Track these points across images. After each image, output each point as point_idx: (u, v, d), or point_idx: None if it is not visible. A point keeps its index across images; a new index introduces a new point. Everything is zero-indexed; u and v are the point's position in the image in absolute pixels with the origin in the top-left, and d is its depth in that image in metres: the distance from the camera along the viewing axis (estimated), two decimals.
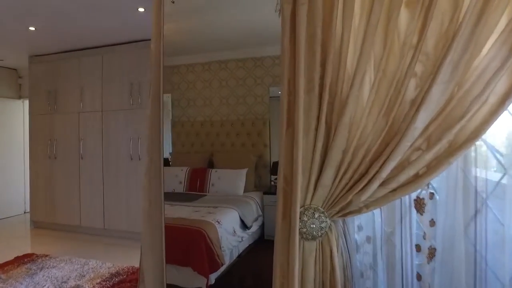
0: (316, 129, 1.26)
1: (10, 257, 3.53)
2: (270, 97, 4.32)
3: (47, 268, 3.24)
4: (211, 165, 4.47)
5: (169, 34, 3.93)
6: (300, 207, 1.24)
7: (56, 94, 4.64)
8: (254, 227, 3.66)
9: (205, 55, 4.77)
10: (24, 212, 5.46)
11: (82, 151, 4.46)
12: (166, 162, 4.81)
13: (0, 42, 4.24)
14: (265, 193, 4.02)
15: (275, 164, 4.17)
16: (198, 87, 4.83)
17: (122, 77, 4.27)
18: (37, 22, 3.54)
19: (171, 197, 3.88)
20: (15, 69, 5.61)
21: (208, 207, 3.41)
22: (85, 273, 3.10)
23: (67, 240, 4.27)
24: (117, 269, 3.20)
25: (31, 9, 3.21)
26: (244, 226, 3.42)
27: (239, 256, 3.34)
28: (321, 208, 1.26)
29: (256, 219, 3.75)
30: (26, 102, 5.25)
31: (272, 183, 4.16)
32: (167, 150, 5.03)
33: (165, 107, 5.10)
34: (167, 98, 5.02)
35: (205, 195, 4.03)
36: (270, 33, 3.72)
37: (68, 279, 2.97)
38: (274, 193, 3.91)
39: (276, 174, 4.21)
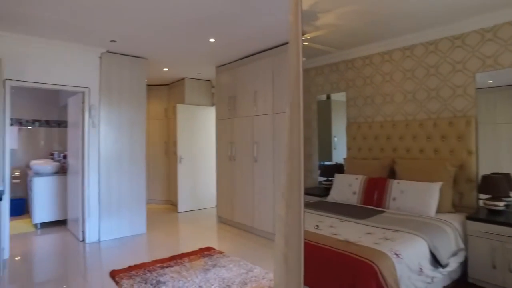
0: None
1: (196, 246, 4.07)
2: (477, 88, 3.20)
3: (219, 266, 3.43)
4: (392, 175, 3.80)
5: (341, 22, 3.40)
6: None
7: (235, 99, 4.95)
8: (452, 265, 2.74)
9: (385, 42, 4.04)
10: (215, 206, 6.20)
11: (255, 154, 4.54)
12: (340, 169, 4.33)
13: (195, 58, 4.89)
14: (469, 218, 2.98)
15: (486, 179, 3.03)
16: (376, 82, 4.21)
17: None
18: (214, 33, 3.77)
19: (341, 210, 3.39)
20: (209, 80, 6.52)
21: (386, 229, 2.69)
22: (247, 281, 3.06)
23: (241, 239, 4.45)
24: None
25: (207, 21, 3.41)
26: (436, 262, 2.52)
27: None
28: None
29: (455, 254, 2.80)
30: None
31: (482, 203, 3.05)
32: (340, 155, 4.59)
33: (341, 108, 4.63)
34: (341, 97, 4.56)
35: (383, 211, 3.32)
36: None
37: (232, 283, 3.02)
38: (484, 220, 2.73)
39: (487, 193, 2.98)
